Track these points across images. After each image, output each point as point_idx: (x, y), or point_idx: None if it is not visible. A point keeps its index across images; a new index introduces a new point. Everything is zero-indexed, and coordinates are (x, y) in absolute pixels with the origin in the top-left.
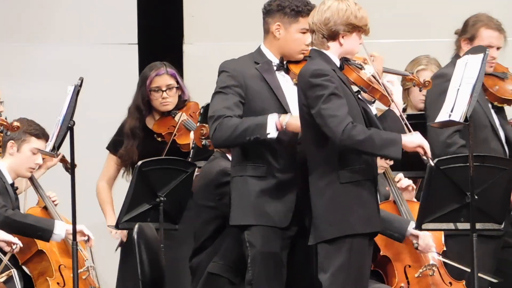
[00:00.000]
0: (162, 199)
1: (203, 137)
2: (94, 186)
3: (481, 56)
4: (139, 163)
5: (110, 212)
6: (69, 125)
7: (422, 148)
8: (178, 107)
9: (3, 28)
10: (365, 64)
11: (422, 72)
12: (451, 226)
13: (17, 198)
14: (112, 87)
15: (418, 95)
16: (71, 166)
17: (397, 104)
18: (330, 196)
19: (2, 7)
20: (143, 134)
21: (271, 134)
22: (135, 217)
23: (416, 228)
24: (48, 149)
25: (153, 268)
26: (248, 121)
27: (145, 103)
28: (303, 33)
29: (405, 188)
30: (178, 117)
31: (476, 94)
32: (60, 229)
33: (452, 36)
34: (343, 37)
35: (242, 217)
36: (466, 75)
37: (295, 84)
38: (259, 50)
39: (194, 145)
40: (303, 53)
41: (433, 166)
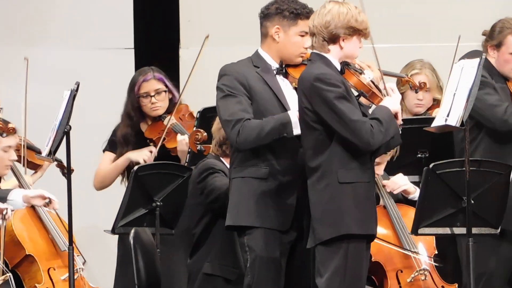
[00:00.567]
0: (159, 204)
1: (198, 142)
2: (91, 191)
3: (477, 61)
4: (135, 168)
5: (122, 157)
6: (66, 130)
7: (396, 115)
8: (169, 111)
9: (1, 33)
10: (365, 69)
11: (416, 76)
12: (447, 231)
13: None
14: (109, 92)
15: (413, 99)
16: (68, 171)
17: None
18: (329, 197)
19: None
20: (136, 140)
21: (297, 131)
22: (132, 222)
23: (412, 233)
24: (45, 154)
25: (149, 273)
26: (271, 121)
27: (136, 109)
28: (302, 36)
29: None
30: (167, 121)
31: (473, 99)
32: (16, 195)
33: (451, 41)
34: (344, 41)
35: (241, 218)
36: (463, 80)
37: (294, 88)
38: (258, 54)
39: (190, 150)
40: (302, 56)
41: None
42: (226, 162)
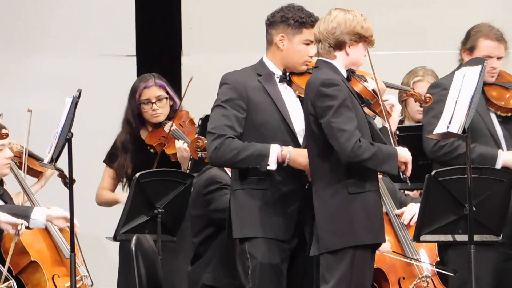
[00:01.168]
0: (160, 211)
1: (199, 150)
2: (92, 198)
3: (479, 68)
4: (137, 175)
5: (119, 194)
6: (67, 137)
7: (406, 164)
8: (170, 117)
9: (1, 39)
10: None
11: (419, 83)
12: (449, 238)
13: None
14: (111, 99)
15: (415, 106)
16: (69, 177)
17: (393, 123)
18: (336, 206)
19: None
20: (136, 147)
21: (271, 166)
22: (133, 229)
23: (414, 240)
24: (46, 161)
25: (151, 280)
26: (250, 148)
27: (136, 116)
28: (307, 45)
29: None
30: (168, 128)
31: (475, 106)
32: (39, 214)
33: (450, 48)
34: (350, 47)
35: (245, 230)
36: (464, 87)
37: (298, 96)
38: (262, 62)
39: (191, 158)
40: (306, 65)
41: (408, 183)
42: (229, 171)
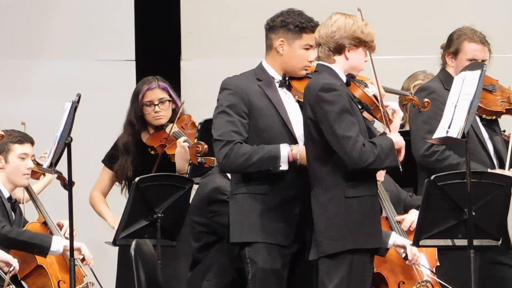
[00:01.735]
0: (160, 215)
1: (199, 155)
2: None
3: (479, 73)
4: (137, 179)
5: (109, 214)
6: (67, 142)
7: (399, 150)
8: (172, 120)
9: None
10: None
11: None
12: (449, 243)
13: (19, 212)
14: (110, 104)
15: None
16: (69, 183)
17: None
18: (334, 211)
19: None
20: (137, 149)
21: (283, 167)
22: (133, 234)
23: (414, 244)
24: (46, 166)
25: (151, 285)
26: (261, 151)
27: (138, 118)
28: (306, 50)
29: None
30: (169, 129)
31: (474, 110)
32: (57, 245)
33: None
34: (349, 51)
35: (244, 235)
36: (464, 92)
37: (297, 101)
38: (261, 67)
39: (191, 162)
40: (306, 70)
41: (400, 170)
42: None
